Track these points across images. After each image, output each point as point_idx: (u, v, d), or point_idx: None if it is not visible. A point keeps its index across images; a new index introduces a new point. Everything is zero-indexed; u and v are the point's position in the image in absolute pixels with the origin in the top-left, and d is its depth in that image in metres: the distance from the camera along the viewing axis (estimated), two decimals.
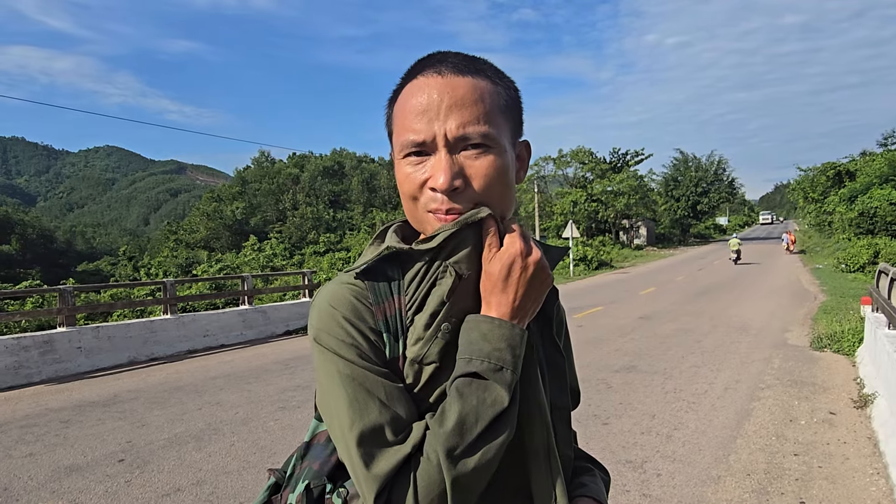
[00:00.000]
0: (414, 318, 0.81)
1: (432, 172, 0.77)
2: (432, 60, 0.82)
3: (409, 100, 0.79)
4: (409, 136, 0.78)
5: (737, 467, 4.24)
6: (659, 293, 16.48)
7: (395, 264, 0.85)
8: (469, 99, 0.77)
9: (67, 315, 8.46)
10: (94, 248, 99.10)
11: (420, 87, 0.79)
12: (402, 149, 0.79)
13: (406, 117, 0.79)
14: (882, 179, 30.20)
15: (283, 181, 64.91)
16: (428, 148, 0.77)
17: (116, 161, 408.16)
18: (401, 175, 0.80)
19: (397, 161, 0.82)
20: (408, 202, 0.81)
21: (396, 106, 0.82)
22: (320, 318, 0.81)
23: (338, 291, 0.82)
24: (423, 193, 0.79)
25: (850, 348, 8.01)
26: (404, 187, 0.80)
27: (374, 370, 0.78)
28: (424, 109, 0.77)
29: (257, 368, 8.06)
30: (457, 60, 0.81)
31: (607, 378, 6.88)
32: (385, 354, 0.80)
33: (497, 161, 0.78)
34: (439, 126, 0.76)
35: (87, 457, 4.74)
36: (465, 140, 0.77)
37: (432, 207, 0.78)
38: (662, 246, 49.95)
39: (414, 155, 0.78)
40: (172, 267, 43.72)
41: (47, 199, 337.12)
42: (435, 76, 0.79)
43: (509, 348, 0.76)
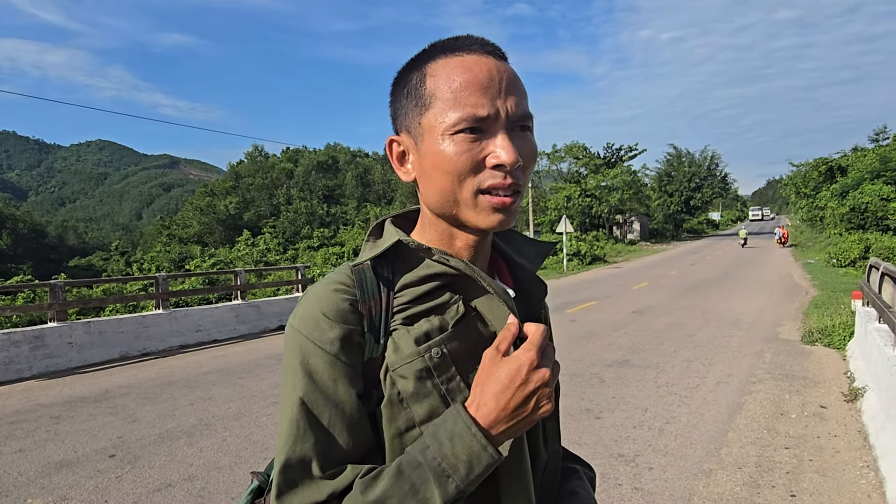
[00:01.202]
0: (402, 325, 0.79)
1: (495, 149, 0.74)
2: (472, 41, 0.79)
3: (462, 74, 0.75)
4: (469, 111, 0.74)
5: (728, 461, 4.26)
6: (652, 288, 16.54)
7: (386, 262, 0.83)
8: (517, 82, 0.79)
9: (58, 310, 8.40)
10: (87, 243, 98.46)
11: (475, 63, 0.76)
12: (458, 123, 0.74)
13: (462, 91, 0.75)
14: (873, 175, 30.37)
15: (276, 176, 64.74)
16: (486, 124, 0.75)
17: (109, 155, 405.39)
18: (449, 152, 0.75)
19: (440, 137, 0.75)
20: (450, 181, 0.76)
21: (436, 80, 0.77)
22: (302, 319, 0.79)
23: (322, 295, 0.79)
24: (478, 171, 0.75)
25: (840, 342, 8.06)
26: (453, 164, 0.75)
27: (330, 390, 0.75)
28: (487, 86, 0.75)
29: (250, 363, 8.03)
30: (496, 47, 0.80)
31: (600, 372, 6.89)
32: (363, 355, 0.78)
33: (534, 143, 0.80)
34: (501, 103, 0.75)
35: (78, 452, 4.72)
36: (519, 120, 0.77)
37: (491, 184, 0.74)
38: (656, 241, 50.14)
39: (468, 132, 0.74)
40: (165, 262, 43.56)
41: (39, 193, 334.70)
42: (486, 56, 0.77)
43: (467, 464, 0.71)
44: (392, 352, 0.78)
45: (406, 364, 0.77)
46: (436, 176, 0.77)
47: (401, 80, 0.82)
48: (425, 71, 0.78)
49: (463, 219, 0.78)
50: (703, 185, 59.33)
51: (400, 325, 0.79)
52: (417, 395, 0.77)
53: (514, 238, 0.96)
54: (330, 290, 0.79)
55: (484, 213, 0.76)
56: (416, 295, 0.80)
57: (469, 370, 0.79)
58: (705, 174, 59.99)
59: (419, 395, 0.77)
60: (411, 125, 0.80)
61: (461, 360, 0.79)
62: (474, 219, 0.77)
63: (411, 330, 0.78)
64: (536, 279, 0.93)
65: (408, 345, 0.77)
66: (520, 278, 0.92)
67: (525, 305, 0.91)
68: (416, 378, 0.77)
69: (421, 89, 0.78)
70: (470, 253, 0.84)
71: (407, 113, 0.80)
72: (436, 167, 0.77)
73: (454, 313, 0.80)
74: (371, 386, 0.78)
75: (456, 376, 0.79)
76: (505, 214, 0.77)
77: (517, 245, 0.95)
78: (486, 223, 0.77)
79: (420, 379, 0.77)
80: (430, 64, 0.78)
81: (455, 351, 0.79)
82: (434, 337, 0.78)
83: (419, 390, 0.77)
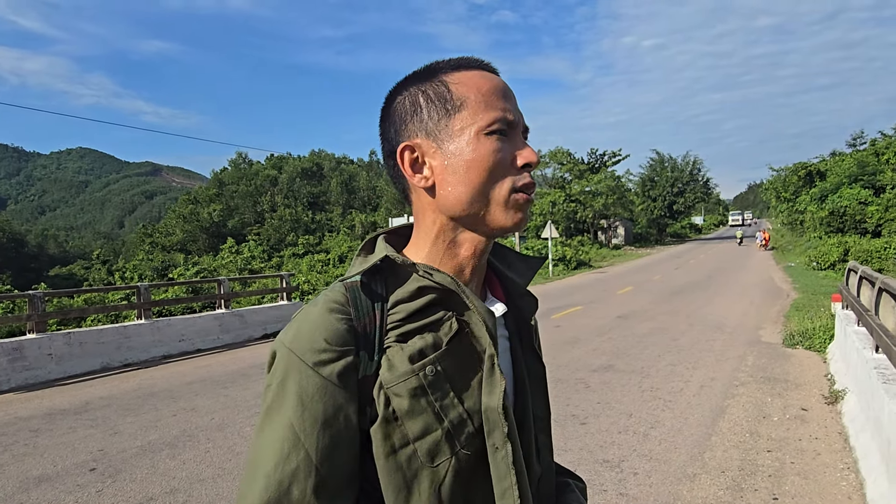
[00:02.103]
0: (396, 343, 0.79)
1: (521, 150, 0.81)
2: (479, 61, 0.86)
3: (487, 82, 0.82)
4: (500, 113, 0.80)
5: (712, 465, 4.30)
6: (636, 292, 16.65)
7: (379, 278, 0.83)
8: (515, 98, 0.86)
9: (38, 321, 8.26)
10: (67, 252, 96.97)
11: (492, 78, 0.84)
12: (494, 123, 0.79)
13: (492, 96, 0.81)
14: (851, 179, 30.94)
15: (260, 183, 64.35)
16: (512, 129, 0.82)
17: (89, 163, 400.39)
18: (485, 150, 0.79)
19: (476, 137, 0.79)
20: (485, 178, 0.79)
21: (463, 87, 0.81)
22: (295, 339, 0.77)
23: (318, 315, 0.78)
24: (510, 171, 0.80)
25: (821, 345, 8.17)
26: (491, 161, 0.79)
27: (321, 414, 0.74)
28: (508, 95, 0.83)
29: (234, 373, 7.96)
30: (495, 68, 0.88)
31: (586, 378, 6.92)
32: (357, 374, 0.77)
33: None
34: (518, 113, 0.84)
35: (58, 466, 4.64)
36: (526, 130, 0.86)
37: (524, 182, 0.80)
38: (640, 245, 50.53)
39: (500, 133, 0.80)
40: (148, 270, 43.02)
41: (18, 202, 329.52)
42: (493, 74, 0.85)
43: None
44: (386, 369, 0.77)
45: (401, 382, 0.77)
46: (469, 175, 0.79)
47: (406, 92, 0.84)
48: (445, 81, 0.82)
49: (490, 218, 0.81)
50: (686, 190, 59.96)
51: (394, 342, 0.79)
52: (412, 412, 0.76)
53: (505, 253, 0.97)
54: (325, 309, 0.78)
55: (512, 212, 0.81)
56: (409, 311, 0.80)
57: (463, 386, 0.80)
58: (688, 179, 60.63)
59: (413, 412, 0.76)
60: (435, 128, 0.81)
61: (455, 377, 0.80)
62: (502, 217, 0.81)
63: (405, 347, 0.78)
64: (527, 294, 0.94)
65: (402, 363, 0.77)
66: (511, 293, 0.93)
67: (516, 319, 0.92)
68: (410, 396, 0.76)
69: (447, 94, 0.82)
70: (472, 263, 0.85)
71: (427, 117, 0.82)
72: (471, 165, 0.79)
73: (448, 330, 0.80)
74: (365, 403, 0.77)
75: (450, 393, 0.79)
76: (525, 214, 0.82)
77: (509, 260, 0.97)
78: (512, 221, 0.81)
79: (414, 397, 0.77)
80: (446, 76, 0.83)
81: (449, 368, 0.79)
82: (428, 354, 0.78)
83: (413, 408, 0.76)
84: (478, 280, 0.88)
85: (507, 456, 0.78)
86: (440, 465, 0.77)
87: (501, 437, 0.78)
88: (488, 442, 0.79)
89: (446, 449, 0.77)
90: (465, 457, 0.78)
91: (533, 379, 0.92)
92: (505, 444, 0.78)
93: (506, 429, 0.78)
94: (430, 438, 0.77)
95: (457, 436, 0.78)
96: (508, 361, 0.89)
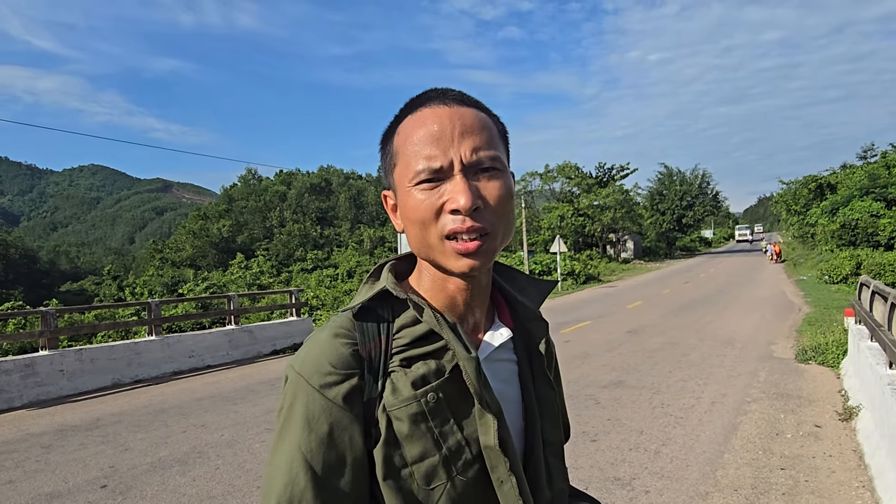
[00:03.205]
0: (400, 367, 0.81)
1: (451, 195, 0.77)
2: (433, 94, 0.83)
3: (417, 130, 0.80)
4: (423, 164, 0.77)
5: (724, 483, 4.25)
6: (646, 307, 16.56)
7: (385, 304, 0.85)
8: (477, 126, 0.80)
9: (50, 337, 8.33)
10: (79, 268, 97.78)
11: (428, 117, 0.80)
12: (416, 176, 0.78)
13: (416, 146, 0.79)
14: (862, 192, 30.73)
15: (269, 198, 64.79)
16: (443, 174, 0.78)
17: (101, 180, 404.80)
18: (413, 202, 0.79)
19: (406, 190, 0.80)
20: (418, 230, 0.79)
21: (399, 138, 0.82)
22: (304, 364, 0.81)
23: (325, 341, 0.82)
24: (439, 218, 0.78)
25: (834, 360, 8.08)
26: (417, 214, 0.78)
27: (328, 438, 0.77)
28: (438, 137, 0.78)
29: (243, 389, 7.97)
30: (456, 94, 0.84)
31: (595, 394, 6.88)
32: (363, 397, 0.80)
33: (506, 183, 0.81)
34: (454, 151, 0.77)
35: (69, 483, 4.65)
36: (478, 164, 0.78)
37: (452, 228, 0.76)
38: (649, 259, 50.29)
39: (427, 182, 0.78)
40: (158, 286, 43.30)
41: (31, 218, 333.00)
42: (442, 106, 0.80)
43: None
44: (390, 393, 0.80)
45: (402, 406, 0.79)
46: (408, 226, 0.81)
47: (381, 141, 0.88)
48: (395, 131, 0.84)
49: (438, 264, 0.81)
50: (695, 204, 59.70)
51: (398, 366, 0.81)
52: (411, 436, 0.78)
53: (516, 277, 0.98)
54: (331, 335, 0.82)
55: (452, 259, 0.78)
56: (414, 336, 0.82)
57: (463, 414, 0.81)
58: (696, 192, 60.40)
59: (413, 436, 0.78)
60: (390, 181, 0.86)
61: (456, 404, 0.81)
62: (446, 264, 0.79)
63: (409, 372, 0.81)
64: (538, 319, 0.95)
65: (405, 388, 0.79)
66: (520, 317, 0.94)
67: (526, 344, 0.93)
68: (410, 421, 0.78)
69: (390, 148, 0.84)
70: (464, 295, 0.86)
71: (386, 170, 0.86)
72: (406, 218, 0.81)
73: (451, 357, 0.82)
74: (370, 425, 0.79)
75: (450, 420, 0.80)
76: (474, 258, 0.77)
77: (520, 284, 0.97)
78: (456, 267, 0.79)
79: (415, 422, 0.79)
80: (399, 124, 0.84)
81: (450, 395, 0.81)
82: (431, 381, 0.80)
83: (413, 432, 0.78)
84: (480, 308, 0.89)
85: (513, 488, 0.80)
86: (435, 488, 0.78)
87: (505, 470, 0.80)
88: (493, 476, 0.80)
89: (442, 474, 0.79)
90: (461, 482, 0.79)
91: (544, 404, 0.92)
92: (509, 477, 0.80)
93: (507, 463, 0.80)
94: (428, 463, 0.78)
95: (454, 462, 0.79)
96: (517, 386, 0.90)
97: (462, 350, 0.80)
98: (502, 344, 0.88)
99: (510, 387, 0.89)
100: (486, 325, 0.90)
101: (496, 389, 0.84)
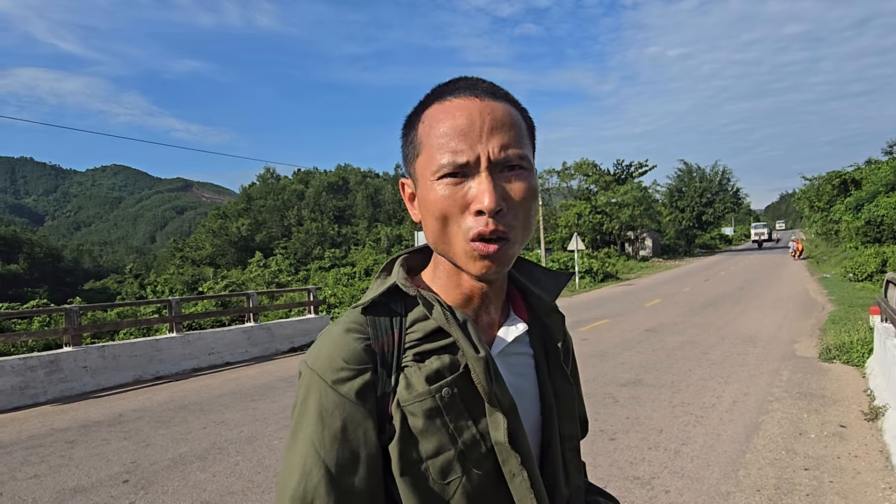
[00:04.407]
0: (414, 362, 0.80)
1: (476, 195, 0.74)
2: (462, 84, 0.80)
3: (444, 120, 0.77)
4: (449, 157, 0.75)
5: (746, 483, 4.18)
6: (665, 305, 16.40)
7: (398, 298, 0.85)
8: (507, 122, 0.77)
9: (73, 334, 8.48)
10: (101, 267, 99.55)
11: (457, 108, 0.77)
12: (440, 169, 0.75)
13: (443, 138, 0.76)
14: (888, 187, 30.08)
15: (288, 197, 65.31)
16: (468, 169, 0.75)
17: (123, 180, 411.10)
18: (434, 196, 0.76)
19: (428, 182, 0.77)
20: (438, 224, 0.77)
21: (424, 127, 0.79)
22: (316, 359, 0.80)
23: (336, 336, 0.81)
24: (463, 217, 0.75)
25: (859, 359, 7.92)
26: (438, 208, 0.76)
27: (340, 432, 0.76)
28: (466, 130, 0.75)
29: (262, 386, 8.04)
30: (487, 85, 0.80)
31: (614, 392, 6.82)
32: (376, 392, 0.79)
33: (531, 183, 0.78)
34: (482, 147, 0.75)
35: (92, 478, 4.73)
36: (506, 162, 0.76)
37: (477, 231, 0.74)
38: (668, 257, 49.81)
39: (450, 176, 0.75)
40: (178, 284, 43.92)
41: (55, 218, 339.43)
42: (472, 98, 0.78)
43: None
44: (404, 388, 0.79)
45: (416, 402, 0.78)
46: (428, 219, 0.79)
47: (404, 126, 0.85)
48: (420, 118, 0.81)
49: (458, 262, 0.79)
50: (715, 201, 59.04)
51: (412, 360, 0.80)
52: (426, 431, 0.78)
53: (532, 270, 0.96)
54: (343, 330, 0.81)
55: (471, 261, 0.77)
56: (427, 330, 0.81)
57: (478, 408, 0.80)
58: (717, 189, 59.72)
59: (428, 431, 0.78)
60: (410, 170, 0.83)
61: (470, 399, 0.80)
62: (464, 264, 0.78)
63: (422, 367, 0.80)
64: (554, 311, 0.93)
65: (420, 383, 0.79)
66: (536, 310, 0.93)
67: (543, 338, 0.92)
68: (425, 416, 0.78)
69: (413, 136, 0.81)
70: (479, 291, 0.84)
71: (407, 158, 0.84)
72: (425, 210, 0.79)
73: (465, 353, 0.80)
74: (385, 420, 0.79)
75: (464, 414, 0.79)
76: (492, 262, 0.76)
77: (535, 276, 0.95)
78: (474, 270, 0.77)
79: (429, 417, 0.78)
80: (425, 111, 0.81)
81: (464, 390, 0.80)
82: (445, 376, 0.79)
83: (428, 427, 0.78)
84: (495, 304, 0.87)
85: (524, 481, 0.79)
86: (451, 482, 0.78)
87: (516, 464, 0.79)
88: (504, 469, 0.79)
89: (458, 468, 0.78)
90: (477, 476, 0.78)
91: (561, 399, 0.91)
92: (521, 471, 0.79)
93: (518, 458, 0.79)
94: (443, 458, 0.78)
95: (469, 456, 0.78)
96: (533, 380, 0.89)
97: (471, 350, 0.79)
98: (518, 337, 0.87)
99: (526, 381, 0.88)
100: (501, 318, 0.89)
101: (512, 383, 0.83)
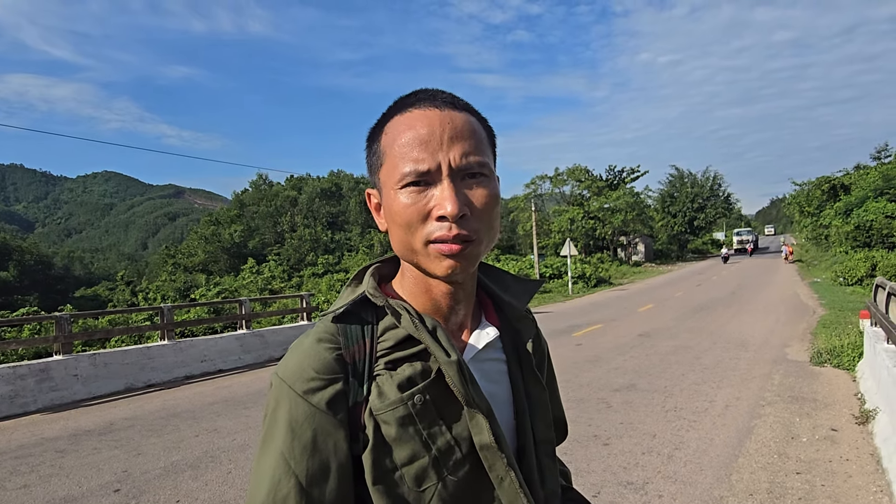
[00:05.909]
0: (385, 370, 0.80)
1: (438, 201, 0.76)
2: (423, 95, 0.82)
3: (406, 131, 0.78)
4: (411, 166, 0.76)
5: (739, 487, 4.20)
6: (658, 309, 16.45)
7: (369, 307, 0.85)
8: (467, 130, 0.79)
9: (64, 342, 8.41)
10: (92, 274, 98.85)
11: (418, 119, 0.79)
12: (403, 178, 0.77)
13: (405, 147, 0.78)
14: (877, 192, 30.40)
15: (280, 203, 65.10)
16: (430, 177, 0.77)
17: (114, 186, 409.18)
18: (398, 205, 0.78)
19: (392, 191, 0.79)
20: (402, 232, 0.79)
21: (387, 138, 0.81)
22: (286, 370, 0.80)
23: (307, 347, 0.81)
24: (426, 223, 0.77)
25: (850, 363, 7.98)
26: (402, 217, 0.78)
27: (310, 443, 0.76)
28: (427, 139, 0.77)
29: (255, 393, 8.00)
30: (447, 96, 0.82)
31: (607, 397, 6.83)
32: (348, 402, 0.79)
33: (492, 189, 0.80)
34: (443, 155, 0.77)
35: (83, 487, 4.68)
36: (466, 169, 0.78)
37: (438, 235, 0.76)
38: (661, 262, 50.02)
39: (413, 185, 0.77)
40: (170, 291, 43.61)
41: (45, 225, 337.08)
42: (433, 109, 0.79)
43: None
44: (376, 396, 0.79)
45: (389, 410, 0.78)
46: (393, 228, 0.81)
47: (368, 138, 0.87)
48: (382, 129, 0.83)
49: (423, 266, 0.80)
50: (707, 206, 59.31)
51: (383, 369, 0.81)
52: (400, 439, 0.78)
53: (501, 276, 0.98)
54: (314, 340, 0.81)
55: (436, 262, 0.78)
56: (398, 339, 0.82)
57: (451, 414, 0.81)
58: (708, 194, 60.00)
59: (401, 439, 0.78)
60: (375, 180, 0.85)
61: (443, 405, 0.81)
62: (429, 267, 0.79)
63: (394, 375, 0.80)
64: (525, 317, 0.95)
65: (391, 391, 0.79)
66: (508, 316, 0.94)
67: (514, 343, 0.93)
68: (398, 424, 0.78)
69: (377, 147, 0.83)
70: (447, 297, 0.85)
71: (371, 169, 0.85)
72: (390, 220, 0.81)
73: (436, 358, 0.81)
74: (357, 430, 0.79)
75: (438, 420, 0.80)
76: (457, 260, 0.77)
77: (505, 284, 0.97)
78: (439, 270, 0.78)
79: (402, 425, 0.78)
80: (388, 122, 0.82)
81: (437, 396, 0.80)
82: (417, 383, 0.80)
83: (401, 435, 0.78)
84: (465, 309, 0.88)
85: (513, 482, 0.80)
86: (426, 489, 0.78)
87: (503, 467, 0.79)
88: (491, 475, 0.80)
89: (433, 475, 0.78)
90: (452, 482, 0.79)
91: (534, 403, 0.91)
92: (508, 472, 0.80)
93: (504, 459, 0.79)
94: (417, 465, 0.78)
95: (444, 462, 0.79)
96: (506, 386, 0.90)
97: (442, 354, 0.79)
98: (490, 343, 0.88)
99: (500, 386, 0.89)
100: (472, 325, 0.90)
101: (486, 389, 0.83)
